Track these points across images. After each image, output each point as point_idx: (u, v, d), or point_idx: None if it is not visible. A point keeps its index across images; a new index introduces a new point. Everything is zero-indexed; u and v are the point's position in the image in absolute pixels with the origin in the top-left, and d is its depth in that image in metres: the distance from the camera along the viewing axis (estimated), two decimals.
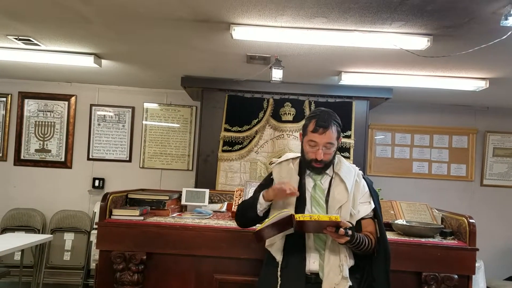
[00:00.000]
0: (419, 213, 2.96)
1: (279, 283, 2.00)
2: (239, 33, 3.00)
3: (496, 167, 5.49)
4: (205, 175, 4.73)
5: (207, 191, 3.19)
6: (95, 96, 5.49)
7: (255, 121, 4.73)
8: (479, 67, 3.71)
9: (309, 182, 2.11)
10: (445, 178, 5.48)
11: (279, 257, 2.05)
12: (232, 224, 2.69)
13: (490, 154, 5.49)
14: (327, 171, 2.11)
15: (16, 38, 3.56)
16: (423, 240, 2.55)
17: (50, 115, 5.47)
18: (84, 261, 5.11)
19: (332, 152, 2.06)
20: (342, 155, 4.67)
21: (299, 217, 1.86)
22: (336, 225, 1.85)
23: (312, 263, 2.00)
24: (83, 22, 3.14)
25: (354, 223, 2.02)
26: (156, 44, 3.58)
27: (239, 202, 2.51)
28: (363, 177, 2.15)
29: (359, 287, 2.04)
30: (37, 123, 5.44)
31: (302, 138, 2.14)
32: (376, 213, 2.09)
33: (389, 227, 2.79)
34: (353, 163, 4.61)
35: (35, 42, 3.64)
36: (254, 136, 4.74)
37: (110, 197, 2.60)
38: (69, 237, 5.26)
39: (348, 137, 4.71)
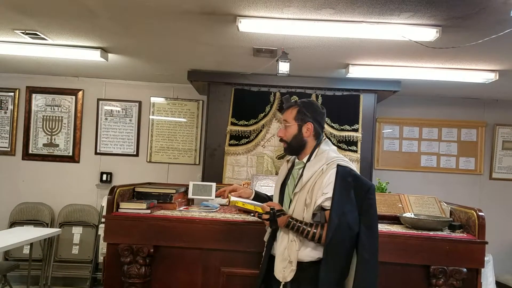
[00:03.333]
0: (428, 206, 2.93)
1: (262, 260, 2.20)
2: (245, 26, 2.97)
3: (506, 161, 5.43)
4: (212, 169, 4.73)
5: (213, 184, 3.18)
6: (102, 90, 5.50)
7: (262, 115, 4.71)
8: (488, 59, 3.66)
9: (292, 174, 2.22)
10: (454, 172, 5.43)
11: (266, 238, 2.23)
12: (239, 217, 2.69)
13: (500, 147, 5.43)
14: (304, 161, 2.18)
15: (23, 33, 3.57)
16: (431, 233, 2.53)
17: (58, 109, 5.49)
18: (92, 254, 5.15)
19: (289, 132, 2.17)
20: (349, 149, 4.74)
21: (234, 202, 2.14)
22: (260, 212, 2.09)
23: (275, 247, 2.14)
24: (89, 16, 3.13)
25: (310, 211, 2.03)
26: (162, 37, 3.57)
27: None
28: (338, 168, 2.05)
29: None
30: (45, 117, 5.46)
31: None
32: (332, 204, 1.99)
33: (397, 220, 2.77)
34: (361, 157, 4.70)
35: (42, 36, 3.64)
36: (261, 130, 4.72)
37: (117, 191, 2.60)
38: (77, 231, 5.29)
39: (356, 130, 4.68)
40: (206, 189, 3.14)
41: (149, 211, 2.61)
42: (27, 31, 3.55)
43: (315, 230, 1.98)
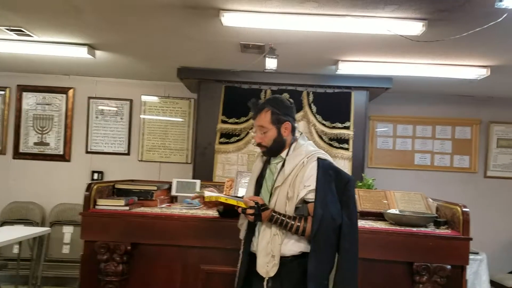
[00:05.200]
0: (414, 203, 2.88)
1: (239, 260, 2.15)
2: (228, 19, 2.93)
3: (500, 159, 5.36)
4: (203, 168, 4.68)
5: (198, 181, 3.14)
6: (93, 88, 5.46)
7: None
8: (478, 54, 3.60)
9: (269, 168, 2.18)
10: (448, 170, 5.37)
11: (242, 236, 2.18)
12: None
13: (494, 145, 5.37)
14: (283, 155, 2.13)
15: (7, 29, 3.54)
16: (414, 229, 2.48)
17: (49, 108, 5.45)
18: None
19: (268, 136, 2.11)
20: (341, 147, 4.69)
21: (208, 197, 2.08)
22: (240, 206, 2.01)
23: (256, 243, 2.09)
24: (73, 11, 3.10)
25: (292, 204, 2.02)
26: (148, 33, 3.53)
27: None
28: (319, 160, 2.06)
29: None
30: (35, 116, 5.43)
31: None
32: (316, 196, 2.00)
33: (382, 217, 2.72)
34: (352, 155, 4.64)
35: (27, 32, 3.61)
36: (251, 128, 4.67)
37: (95, 187, 2.56)
38: (68, 230, 5.25)
39: (347, 128, 4.63)
40: (190, 186, 3.10)
41: (127, 208, 2.57)
42: (11, 27, 3.51)
43: (298, 223, 1.97)
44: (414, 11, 2.77)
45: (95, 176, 5.37)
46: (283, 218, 1.98)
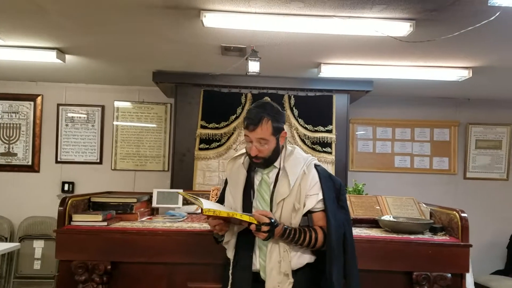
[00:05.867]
0: (406, 208, 2.79)
1: (230, 281, 1.97)
2: (210, 20, 2.78)
3: (479, 159, 5.39)
4: (182, 176, 4.50)
5: (180, 191, 2.95)
6: (62, 95, 5.19)
7: (233, 117, 4.52)
8: (463, 55, 3.57)
9: (257, 177, 2.03)
10: (428, 172, 5.37)
11: (230, 255, 2.01)
12: (208, 226, 2.48)
13: (473, 147, 5.40)
14: (275, 164, 2.01)
15: None
16: (412, 237, 2.38)
17: (16, 116, 5.16)
18: (55, 269, 4.82)
19: (268, 148, 1.96)
20: (324, 150, 4.60)
21: (207, 211, 1.81)
22: (245, 221, 1.81)
23: (258, 261, 1.94)
24: (40, 12, 2.87)
25: (299, 216, 1.92)
26: (123, 35, 3.33)
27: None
28: (316, 168, 2.01)
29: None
30: (1, 125, 5.12)
31: None
32: (325, 205, 1.94)
33: (376, 223, 2.62)
34: (335, 159, 4.56)
35: None
36: (233, 133, 4.52)
37: (69, 201, 2.35)
38: (38, 245, 4.97)
39: (330, 131, 4.55)
40: (172, 197, 2.91)
41: (105, 223, 2.37)
42: None
43: (310, 236, 1.88)
44: (402, 10, 2.69)
45: (66, 187, 5.09)
46: (295, 233, 1.86)
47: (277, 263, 1.87)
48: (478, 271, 4.81)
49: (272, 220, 1.80)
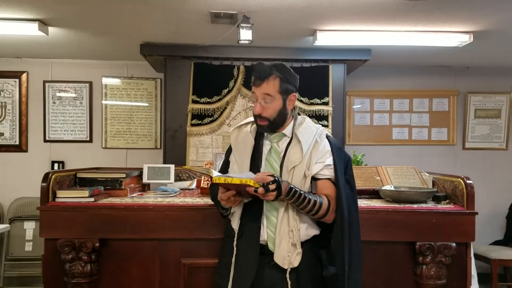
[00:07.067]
0: (408, 177, 2.68)
1: (234, 253, 1.87)
2: None
3: (478, 129, 5.28)
4: (174, 153, 4.37)
5: (172, 166, 2.83)
6: (48, 71, 5.00)
7: (226, 90, 4.36)
8: (463, 18, 3.41)
9: (266, 145, 1.94)
10: (426, 144, 5.27)
11: (235, 226, 1.90)
12: (201, 201, 2.36)
13: (472, 116, 5.28)
14: (286, 132, 1.91)
15: None
16: (415, 206, 2.27)
17: (1, 94, 4.97)
18: None
19: (273, 107, 1.86)
20: (320, 123, 4.45)
21: (216, 179, 1.69)
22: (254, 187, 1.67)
23: (266, 232, 1.85)
24: None
25: (308, 182, 1.85)
26: (107, 3, 3.14)
27: (209, 184, 2.14)
28: (328, 138, 1.94)
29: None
30: None
31: None
32: (336, 175, 1.85)
33: (376, 194, 2.51)
34: (332, 132, 4.43)
35: None
36: (226, 107, 4.38)
37: (53, 177, 2.21)
38: (29, 226, 4.86)
39: (326, 104, 4.41)
40: (164, 172, 2.78)
41: (92, 199, 2.24)
42: None
43: (315, 199, 1.77)
44: None
45: (55, 166, 4.95)
46: (301, 193, 1.75)
47: (288, 233, 1.80)
48: (478, 241, 4.71)
49: (276, 177, 1.69)
